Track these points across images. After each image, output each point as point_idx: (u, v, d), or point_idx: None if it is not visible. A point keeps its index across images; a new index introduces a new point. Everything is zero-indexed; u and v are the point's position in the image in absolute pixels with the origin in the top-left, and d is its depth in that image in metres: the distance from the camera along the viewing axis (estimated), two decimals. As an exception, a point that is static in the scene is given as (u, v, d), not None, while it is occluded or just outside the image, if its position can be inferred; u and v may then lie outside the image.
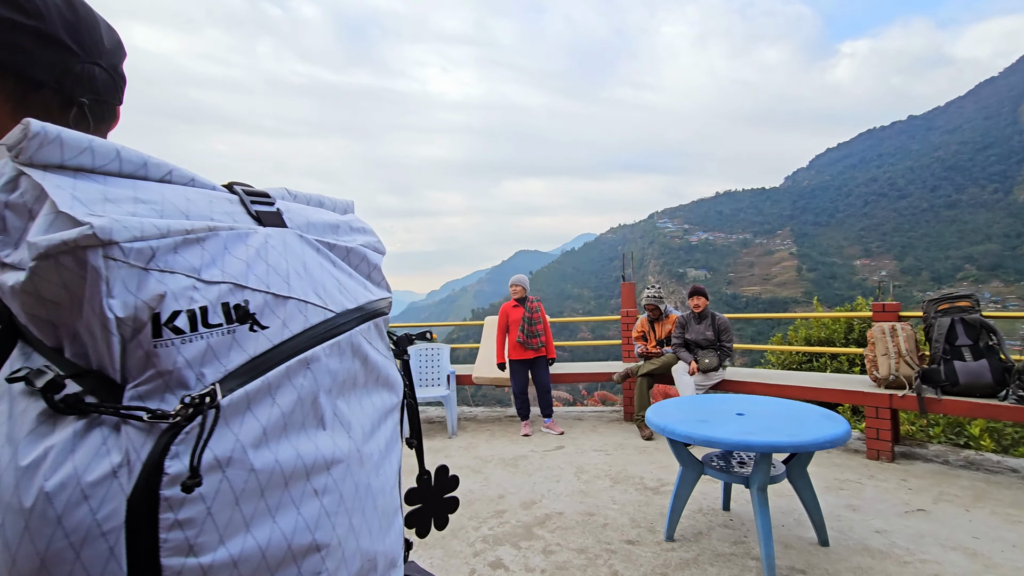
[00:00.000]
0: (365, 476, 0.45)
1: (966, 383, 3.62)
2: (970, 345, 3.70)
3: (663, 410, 2.97)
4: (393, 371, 0.55)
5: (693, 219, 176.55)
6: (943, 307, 3.90)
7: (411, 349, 5.54)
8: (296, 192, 0.53)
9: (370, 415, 0.49)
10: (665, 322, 5.22)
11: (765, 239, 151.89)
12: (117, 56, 0.58)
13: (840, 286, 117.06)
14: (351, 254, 0.52)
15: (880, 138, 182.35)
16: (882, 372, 4.03)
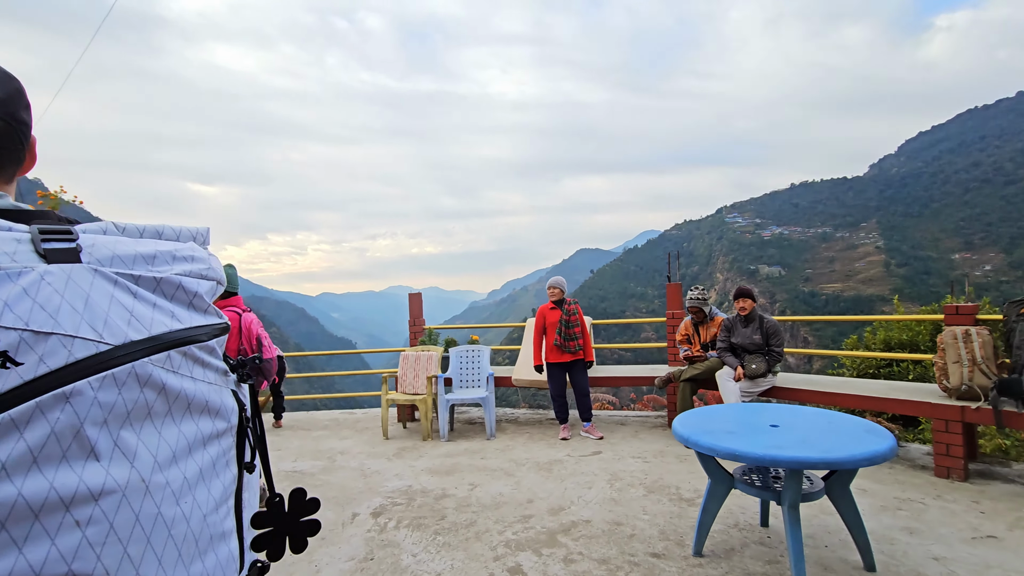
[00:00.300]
0: (153, 505, 0.47)
1: (1053, 396, 3.20)
2: (1059, 353, 3.26)
3: (690, 419, 2.84)
4: (218, 397, 0.56)
5: (766, 213, 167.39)
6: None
7: (453, 351, 5.64)
8: (125, 225, 0.55)
9: (172, 443, 0.50)
10: (710, 325, 4.99)
11: (848, 232, 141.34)
12: (14, 104, 0.62)
13: (936, 282, 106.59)
14: (162, 283, 0.53)
15: (983, 118, 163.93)
16: (953, 382, 3.64)
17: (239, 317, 3.33)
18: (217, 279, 0.60)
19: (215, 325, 0.57)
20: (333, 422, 6.14)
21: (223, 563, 0.54)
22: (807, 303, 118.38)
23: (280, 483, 4.15)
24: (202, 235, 0.63)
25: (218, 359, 0.58)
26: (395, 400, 5.28)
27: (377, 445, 5.11)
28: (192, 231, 0.61)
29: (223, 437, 0.56)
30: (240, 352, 3.26)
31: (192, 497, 0.51)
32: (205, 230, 0.63)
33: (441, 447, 4.95)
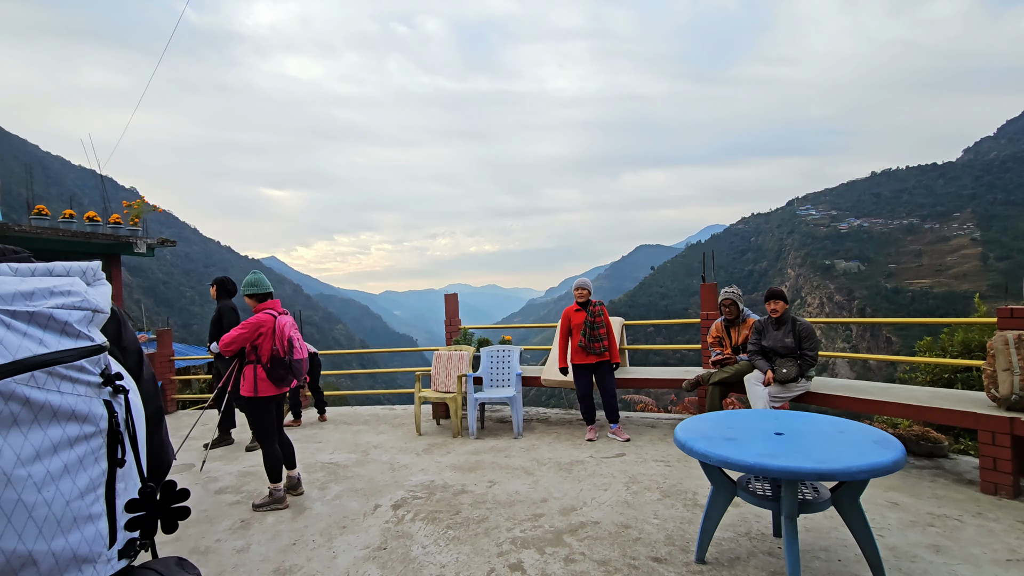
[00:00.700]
0: (14, 493, 0.60)
1: (1117, 409, 2.89)
2: None
3: (694, 424, 2.81)
4: (86, 406, 0.69)
5: (843, 204, 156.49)
6: (1090, 313, 3.14)
7: (484, 350, 5.78)
8: (19, 266, 0.70)
9: (36, 444, 0.63)
10: (742, 327, 4.83)
11: (937, 223, 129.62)
12: None
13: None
14: (35, 316, 0.67)
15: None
16: (1003, 391, 3.36)
17: (274, 320, 3.60)
18: (92, 308, 0.73)
19: (86, 347, 0.71)
20: (374, 417, 6.45)
21: (88, 540, 0.67)
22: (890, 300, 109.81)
23: (315, 474, 4.45)
24: (92, 270, 0.77)
25: (90, 375, 0.71)
26: (427, 398, 5.49)
27: (410, 441, 5.33)
28: (82, 267, 0.76)
29: (92, 439, 0.70)
30: (273, 351, 3.54)
31: (56, 487, 0.65)
32: (96, 265, 0.77)
33: (469, 444, 5.10)
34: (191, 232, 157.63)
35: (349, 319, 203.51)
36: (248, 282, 3.70)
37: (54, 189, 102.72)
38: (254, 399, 3.59)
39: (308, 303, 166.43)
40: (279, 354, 3.51)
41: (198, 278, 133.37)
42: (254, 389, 3.56)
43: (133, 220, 11.56)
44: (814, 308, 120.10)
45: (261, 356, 3.53)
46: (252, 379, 3.56)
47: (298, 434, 5.77)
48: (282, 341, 3.54)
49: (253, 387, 3.56)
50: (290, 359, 3.53)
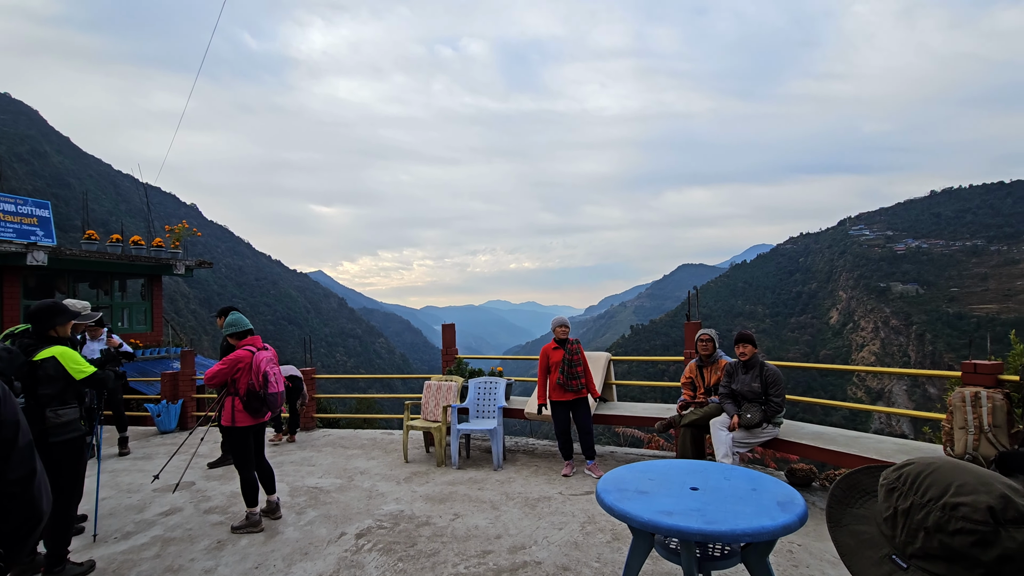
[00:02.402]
0: None
1: (1063, 477, 2.80)
2: (1077, 427, 2.85)
3: (618, 475, 2.91)
4: None
5: (899, 224, 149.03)
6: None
7: (471, 381, 5.97)
8: None
9: None
10: (715, 368, 4.85)
11: (1005, 245, 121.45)
12: None
13: None
14: None
15: None
16: (957, 449, 3.29)
17: (252, 355, 3.93)
18: None
19: None
20: (371, 442, 6.73)
21: None
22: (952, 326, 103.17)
23: (298, 498, 4.74)
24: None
25: None
26: (415, 426, 5.72)
27: (395, 468, 5.56)
28: None
29: None
30: (249, 385, 3.86)
31: None
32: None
33: (449, 474, 5.28)
34: (245, 247, 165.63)
35: (391, 333, 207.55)
36: (227, 323, 4.06)
37: (123, 206, 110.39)
38: (231, 428, 3.91)
39: (352, 316, 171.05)
40: (254, 388, 3.83)
41: (249, 291, 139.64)
42: (232, 419, 3.89)
43: (174, 243, 12.47)
44: (868, 332, 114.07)
45: (239, 389, 3.86)
46: (230, 410, 3.88)
47: (295, 456, 6.11)
48: (257, 376, 3.85)
49: (231, 417, 3.89)
50: (265, 393, 3.84)
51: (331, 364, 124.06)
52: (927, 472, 0.77)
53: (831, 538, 0.93)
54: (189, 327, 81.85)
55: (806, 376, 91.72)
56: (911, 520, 0.75)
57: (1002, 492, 0.69)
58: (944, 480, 0.74)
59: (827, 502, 0.99)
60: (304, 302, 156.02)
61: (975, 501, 0.69)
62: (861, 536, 0.89)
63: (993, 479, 0.72)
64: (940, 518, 0.71)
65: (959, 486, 0.72)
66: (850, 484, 1.00)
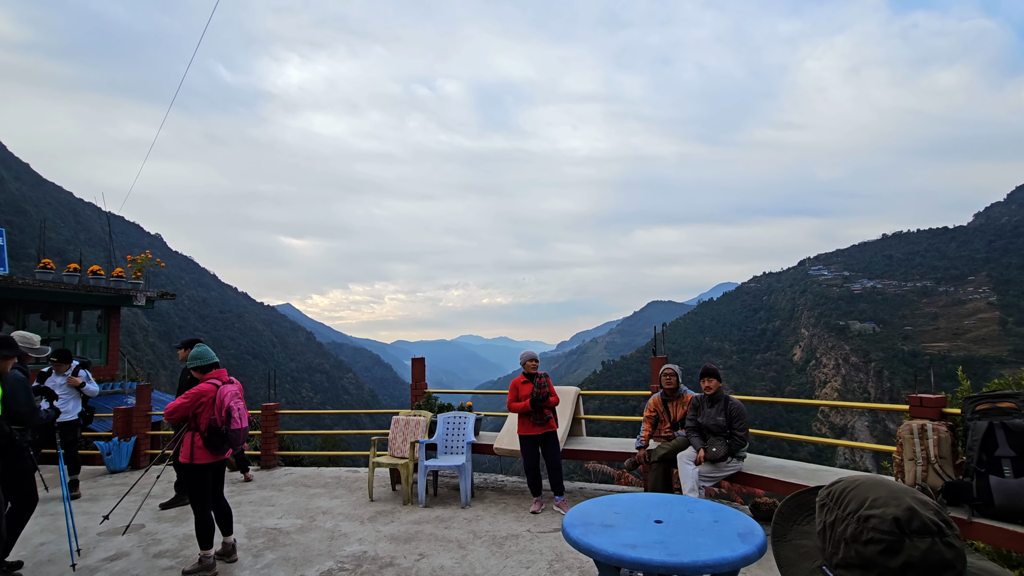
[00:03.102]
0: None
1: (1002, 504, 2.96)
2: (1012, 457, 3.02)
3: (584, 509, 2.93)
4: None
5: (855, 265, 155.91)
6: (982, 407, 3.26)
7: (440, 416, 5.92)
8: None
9: None
10: (679, 402, 4.95)
11: (952, 286, 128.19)
12: None
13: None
14: None
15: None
16: (907, 479, 3.43)
17: (216, 389, 3.83)
18: None
19: None
20: (335, 480, 6.52)
21: None
22: (908, 363, 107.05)
23: (256, 540, 4.54)
24: None
25: None
26: (381, 463, 5.59)
27: (360, 507, 5.40)
28: None
29: None
30: (211, 421, 3.75)
31: None
32: None
33: (416, 513, 5.15)
34: (210, 278, 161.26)
35: (360, 368, 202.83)
36: (193, 355, 3.96)
37: (83, 235, 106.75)
38: (189, 466, 3.76)
39: (320, 351, 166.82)
40: (216, 423, 3.72)
41: (213, 323, 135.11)
42: (191, 456, 3.75)
43: (136, 274, 12.11)
44: (830, 369, 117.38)
45: (200, 424, 3.74)
46: (189, 446, 3.75)
47: (254, 496, 5.87)
48: (220, 411, 3.75)
49: (190, 454, 3.75)
50: (227, 429, 3.73)
51: (296, 400, 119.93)
52: (850, 488, 0.84)
53: (773, 552, 1.00)
54: (146, 361, 78.22)
55: (773, 412, 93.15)
56: (835, 532, 0.82)
57: (909, 505, 0.77)
58: (862, 495, 0.81)
59: (774, 518, 1.06)
60: (270, 336, 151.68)
61: (884, 513, 0.77)
62: (801, 549, 0.95)
63: (904, 493, 0.80)
64: (856, 529, 0.78)
65: (873, 500, 0.79)
66: (798, 502, 1.07)
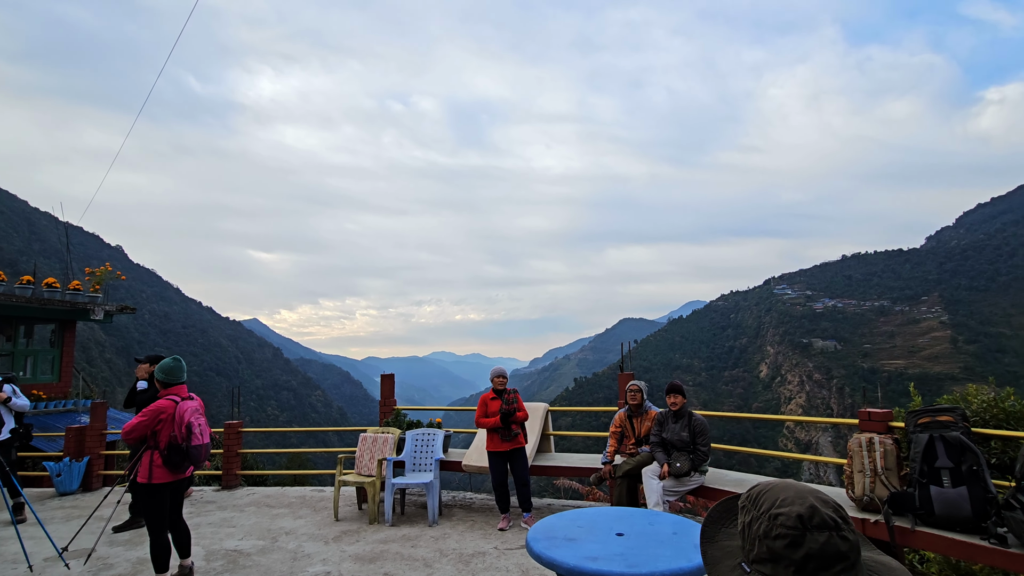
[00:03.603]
0: None
1: (942, 513, 3.13)
2: (951, 468, 3.21)
3: (549, 523, 2.97)
4: None
5: (817, 284, 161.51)
6: (923, 420, 3.45)
7: (408, 433, 5.88)
8: None
9: None
10: (644, 418, 5.06)
11: (907, 306, 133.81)
12: None
13: (1012, 361, 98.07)
14: None
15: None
16: (857, 492, 3.59)
17: (175, 405, 3.75)
18: None
19: None
20: (299, 499, 6.38)
21: None
22: (867, 380, 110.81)
23: (214, 562, 4.41)
24: None
25: None
26: (347, 481, 5.51)
27: (325, 527, 5.29)
28: None
29: None
30: (171, 438, 3.66)
31: None
32: None
33: (382, 532, 5.08)
34: (173, 292, 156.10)
35: (329, 385, 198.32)
36: (163, 367, 3.84)
37: (37, 245, 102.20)
38: (148, 486, 3.65)
39: (287, 367, 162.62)
40: (177, 440, 3.63)
41: (175, 339, 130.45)
42: (149, 475, 3.64)
43: (94, 287, 11.69)
44: (794, 386, 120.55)
45: (159, 442, 3.64)
46: (148, 465, 3.64)
47: (213, 517, 5.69)
48: (180, 427, 3.66)
49: (148, 473, 3.64)
50: (187, 445, 3.65)
51: (261, 418, 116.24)
52: (765, 491, 0.93)
53: (701, 552, 1.08)
54: (102, 378, 74.72)
55: (740, 428, 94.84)
56: (751, 531, 0.91)
57: (812, 503, 0.86)
58: (773, 496, 0.90)
59: (704, 522, 1.14)
60: (235, 352, 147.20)
61: (790, 511, 0.86)
62: (726, 549, 1.04)
63: (809, 493, 0.90)
64: (767, 526, 0.87)
65: (781, 500, 0.88)
66: (726, 507, 1.15)
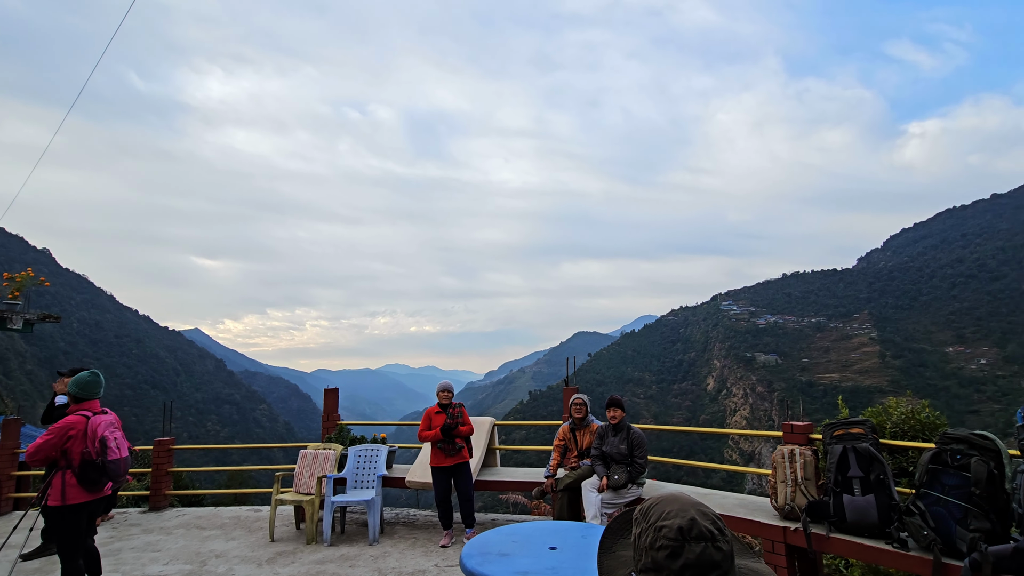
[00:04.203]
0: None
1: (853, 520, 3.35)
2: (861, 477, 3.45)
3: (485, 538, 2.99)
4: None
5: (760, 301, 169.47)
6: (838, 433, 3.70)
7: (351, 449, 5.77)
8: None
9: None
10: (587, 431, 5.17)
11: (841, 323, 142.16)
12: None
13: (932, 375, 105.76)
14: None
15: (962, 217, 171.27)
16: (779, 501, 3.79)
17: (86, 420, 3.53)
18: None
19: None
20: (233, 520, 6.10)
21: None
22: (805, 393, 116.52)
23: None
24: None
25: None
26: (284, 500, 5.33)
27: (259, 548, 5.09)
28: None
29: None
30: (84, 454, 3.45)
31: None
32: None
33: (319, 552, 4.93)
34: (106, 299, 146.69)
35: (275, 398, 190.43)
36: (77, 380, 3.62)
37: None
38: (61, 508, 3.42)
39: (230, 380, 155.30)
40: (91, 456, 3.43)
41: (107, 349, 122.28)
42: (62, 497, 3.41)
43: (13, 293, 10.87)
44: (739, 398, 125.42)
45: (71, 460, 3.43)
46: (60, 487, 3.42)
47: (137, 541, 5.36)
48: (94, 442, 3.46)
49: (61, 495, 3.41)
50: (103, 460, 3.45)
51: (200, 434, 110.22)
52: (654, 504, 1.00)
53: (597, 563, 1.14)
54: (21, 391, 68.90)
55: (689, 440, 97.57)
56: (641, 542, 0.97)
57: (692, 516, 0.94)
58: (660, 509, 0.98)
59: (603, 533, 1.21)
60: (174, 363, 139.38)
61: (672, 523, 0.93)
62: (620, 559, 1.10)
63: (691, 506, 0.98)
64: (652, 538, 0.94)
65: (667, 512, 0.96)
66: (625, 519, 1.22)
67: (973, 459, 2.96)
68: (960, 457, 3.03)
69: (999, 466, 2.93)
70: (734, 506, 4.21)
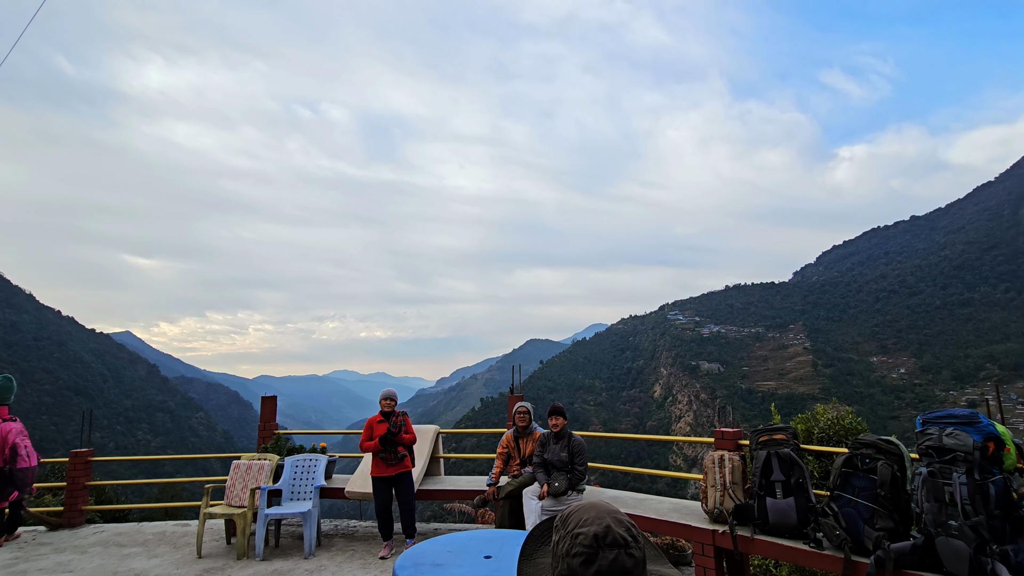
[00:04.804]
0: None
1: (775, 522, 3.54)
2: (782, 481, 3.65)
3: (417, 550, 2.95)
4: None
5: (704, 311, 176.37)
6: (763, 439, 3.90)
7: (288, 460, 5.57)
8: None
9: None
10: (530, 439, 5.21)
11: (778, 333, 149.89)
12: None
13: (859, 383, 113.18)
14: None
15: (885, 236, 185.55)
16: (709, 505, 3.95)
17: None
18: None
19: None
20: (157, 536, 5.74)
21: None
22: (745, 400, 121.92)
23: (40, 613, 3.84)
24: None
25: None
26: (214, 513, 5.08)
27: (183, 566, 4.81)
28: None
29: None
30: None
31: None
32: None
33: (250, 567, 4.72)
34: (24, 298, 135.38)
35: (213, 406, 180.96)
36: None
37: None
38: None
39: (164, 386, 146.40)
40: None
41: (23, 352, 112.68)
42: (-45, 515, 3.13)
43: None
44: (684, 405, 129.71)
45: None
46: (-46, 503, 3.13)
47: (46, 562, 4.95)
48: (3, 449, 3.21)
49: (-46, 513, 3.13)
50: (11, 468, 3.20)
51: (129, 444, 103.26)
52: (572, 512, 1.04)
53: (517, 570, 1.16)
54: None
55: (636, 446, 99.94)
56: (559, 549, 1.00)
57: (607, 523, 0.98)
58: (578, 517, 1.01)
59: (524, 540, 1.23)
60: (101, 368, 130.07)
61: (588, 531, 0.96)
62: (539, 566, 1.13)
63: (607, 514, 1.01)
64: (569, 545, 0.97)
65: (583, 520, 0.99)
66: (547, 527, 1.25)
67: (880, 463, 3.20)
68: (869, 461, 3.26)
69: (902, 469, 3.18)
70: (668, 511, 4.35)
